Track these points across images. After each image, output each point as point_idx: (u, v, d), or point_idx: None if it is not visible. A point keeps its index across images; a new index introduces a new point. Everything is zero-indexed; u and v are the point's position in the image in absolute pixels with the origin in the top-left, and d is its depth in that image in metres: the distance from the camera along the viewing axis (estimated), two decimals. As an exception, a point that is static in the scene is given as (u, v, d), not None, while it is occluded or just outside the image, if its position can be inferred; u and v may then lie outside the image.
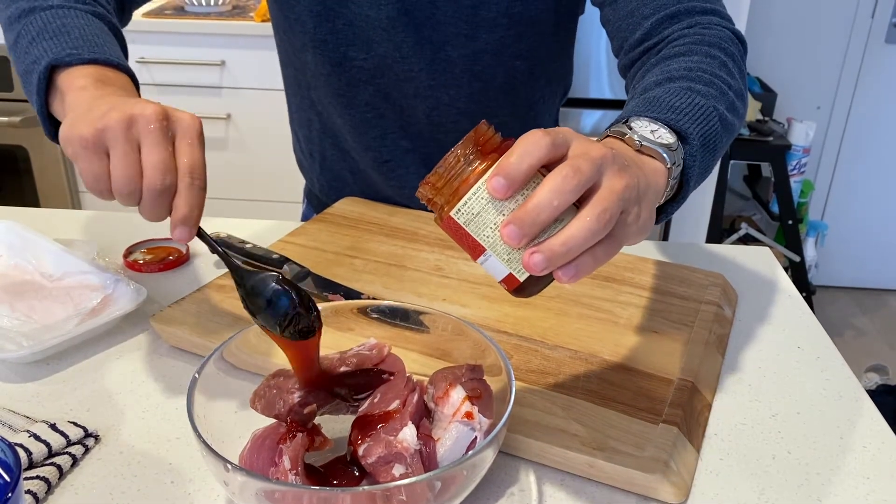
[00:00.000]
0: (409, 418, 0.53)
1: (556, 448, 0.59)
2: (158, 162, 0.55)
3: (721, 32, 0.75)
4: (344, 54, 0.94)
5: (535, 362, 0.69)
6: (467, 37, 0.91)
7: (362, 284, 0.81)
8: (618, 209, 0.47)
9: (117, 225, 1.00)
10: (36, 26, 0.70)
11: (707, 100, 0.64)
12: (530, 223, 0.46)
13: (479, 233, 0.49)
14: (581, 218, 0.46)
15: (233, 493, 0.50)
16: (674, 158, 0.57)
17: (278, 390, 0.56)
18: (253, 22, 2.25)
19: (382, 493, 0.47)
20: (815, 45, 2.84)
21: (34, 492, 0.55)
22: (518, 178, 0.46)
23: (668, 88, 0.65)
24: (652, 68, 0.72)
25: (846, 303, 3.07)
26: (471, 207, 0.49)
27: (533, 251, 0.46)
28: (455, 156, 0.49)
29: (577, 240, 0.46)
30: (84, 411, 0.65)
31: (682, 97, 0.63)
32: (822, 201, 3.05)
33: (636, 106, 0.62)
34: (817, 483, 0.59)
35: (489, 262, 0.50)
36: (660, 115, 0.60)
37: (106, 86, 0.64)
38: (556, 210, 0.46)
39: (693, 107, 0.62)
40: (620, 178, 0.48)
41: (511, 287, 0.50)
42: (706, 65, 0.69)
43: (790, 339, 0.78)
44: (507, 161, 0.47)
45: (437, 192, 0.50)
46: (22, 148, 2.39)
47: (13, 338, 0.72)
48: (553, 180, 0.46)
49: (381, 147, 1.01)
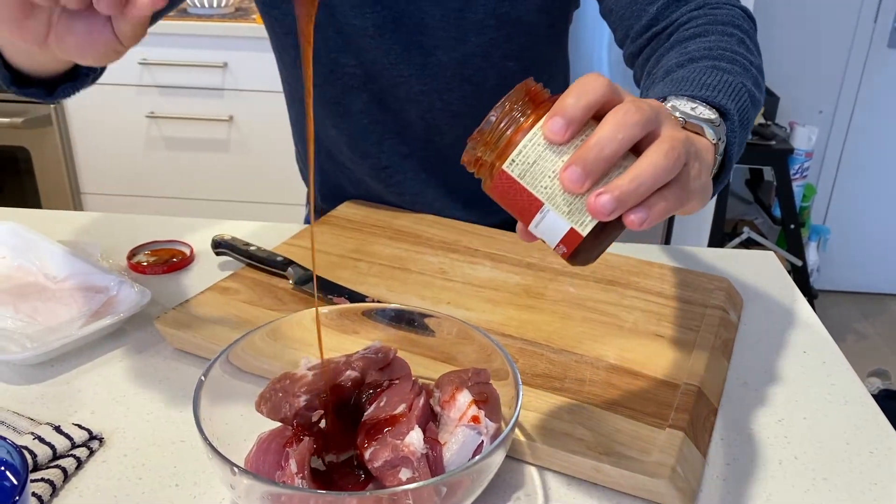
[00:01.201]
0: (415, 422, 0.53)
1: (562, 452, 0.58)
2: None
3: (732, 11, 0.74)
4: (335, 61, 0.94)
5: (540, 366, 0.69)
6: (456, 40, 0.90)
7: (367, 287, 0.81)
8: (684, 152, 0.45)
9: (120, 226, 1.00)
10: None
11: (735, 77, 0.62)
12: (594, 160, 0.43)
13: (535, 184, 0.45)
14: (649, 154, 0.43)
15: (238, 496, 0.50)
16: (718, 134, 0.55)
17: (284, 393, 0.56)
18: (256, 24, 2.25)
19: (389, 498, 0.47)
20: (817, 49, 2.84)
21: (39, 494, 0.55)
22: (577, 117, 0.44)
23: (692, 69, 0.63)
24: (668, 52, 0.71)
25: (848, 307, 3.07)
26: (526, 156, 0.45)
27: (600, 192, 0.43)
28: (505, 107, 0.46)
29: (647, 175, 0.43)
30: (88, 414, 0.65)
31: (710, 75, 0.61)
32: (824, 205, 3.04)
33: (665, 87, 0.60)
34: (824, 488, 0.59)
35: (547, 218, 0.46)
36: (696, 92, 0.58)
37: None
38: (621, 144, 0.43)
39: (724, 84, 0.60)
40: (680, 131, 0.46)
41: (572, 247, 0.46)
42: (725, 43, 0.67)
43: (796, 344, 0.78)
44: (563, 101, 0.44)
45: (487, 146, 0.46)
46: (24, 149, 2.39)
47: (17, 339, 0.72)
48: (615, 115, 0.44)
49: (379, 153, 1.01)
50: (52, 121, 2.35)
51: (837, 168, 2.99)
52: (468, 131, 1.04)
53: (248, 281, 0.82)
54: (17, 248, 0.85)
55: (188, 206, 2.49)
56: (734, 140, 0.58)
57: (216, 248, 0.88)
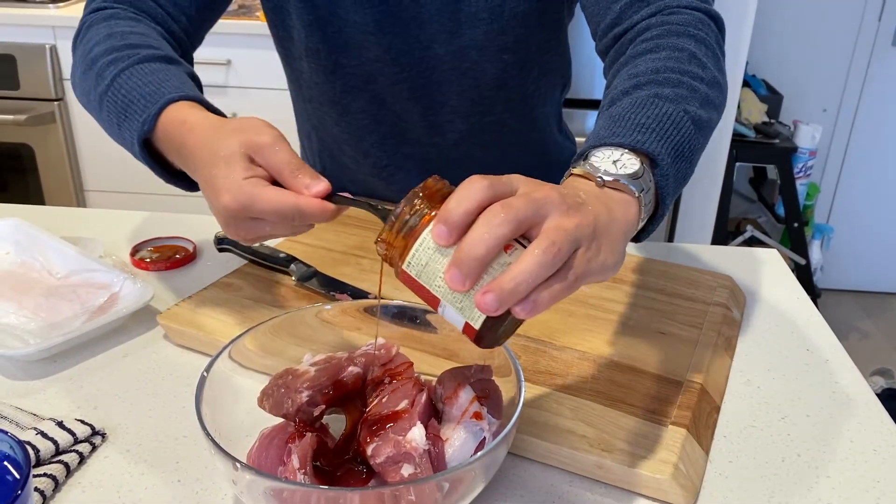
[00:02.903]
0: (417, 418, 0.53)
1: (564, 449, 0.58)
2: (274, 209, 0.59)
3: (688, 17, 0.72)
4: (336, 62, 0.94)
5: (542, 363, 0.69)
6: (451, 33, 0.90)
7: (369, 284, 0.81)
8: (568, 244, 0.46)
9: (124, 223, 1.00)
10: (113, 113, 0.72)
11: (676, 105, 0.62)
12: (467, 262, 0.45)
13: (430, 283, 0.48)
14: (528, 252, 0.45)
15: (241, 491, 0.50)
16: (642, 185, 0.55)
17: (286, 389, 0.56)
18: (259, 21, 2.25)
19: (391, 494, 0.47)
20: (821, 47, 2.83)
21: (42, 489, 0.55)
22: (458, 223, 0.46)
23: (634, 99, 0.63)
24: (621, 68, 0.70)
25: (851, 306, 3.06)
26: (419, 258, 0.48)
27: (484, 291, 0.45)
28: (402, 210, 0.49)
29: (526, 273, 0.45)
30: (91, 409, 0.65)
31: (647, 109, 0.61)
32: (827, 204, 3.04)
33: (601, 127, 0.61)
34: (827, 486, 0.59)
35: (446, 311, 0.49)
36: (624, 139, 0.58)
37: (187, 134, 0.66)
38: (490, 245, 0.45)
39: (660, 119, 0.60)
40: (569, 217, 0.47)
41: (471, 335, 0.49)
42: (673, 61, 0.67)
43: (799, 342, 0.78)
44: (446, 207, 0.47)
45: (390, 246, 0.50)
46: (27, 146, 2.39)
47: (20, 335, 0.72)
48: (485, 216, 0.46)
49: (380, 153, 1.01)
50: (55, 118, 2.35)
51: (841, 166, 2.98)
52: (469, 128, 1.03)
53: (250, 277, 0.82)
54: (20, 244, 0.85)
55: (191, 203, 2.50)
56: (666, 182, 0.58)
57: (219, 244, 0.88)
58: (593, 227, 0.49)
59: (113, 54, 0.75)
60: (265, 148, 0.60)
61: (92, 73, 0.75)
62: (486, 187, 0.47)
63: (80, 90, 0.79)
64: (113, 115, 0.72)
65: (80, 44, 0.80)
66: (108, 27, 0.79)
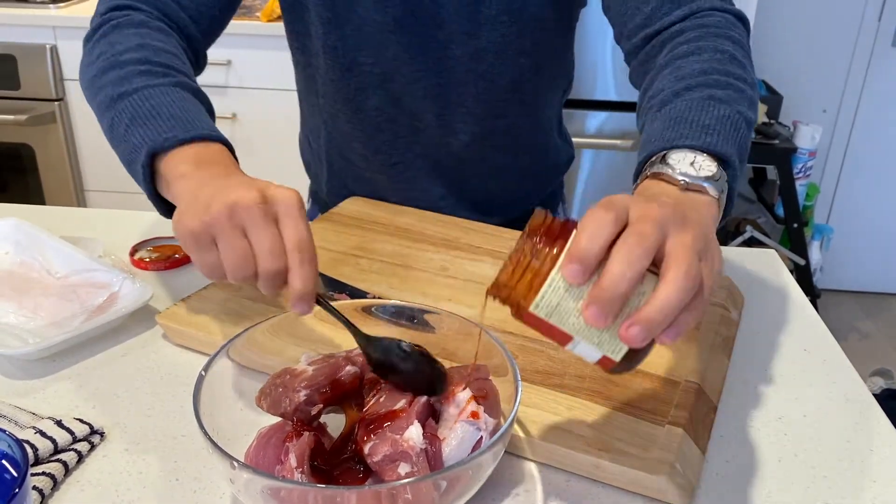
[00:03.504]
0: (414, 417, 0.53)
1: (561, 449, 0.59)
2: (267, 247, 0.56)
3: (722, 19, 0.74)
4: (353, 59, 0.94)
5: (540, 363, 0.69)
6: (469, 35, 0.91)
7: (368, 284, 0.81)
8: (697, 262, 0.47)
9: (123, 223, 1.00)
10: (127, 113, 0.72)
11: (731, 106, 0.63)
12: (610, 300, 0.45)
13: (563, 322, 0.48)
14: (670, 281, 0.46)
15: (238, 490, 0.50)
16: (720, 187, 0.57)
17: (284, 389, 0.56)
18: (259, 21, 2.26)
19: (388, 492, 0.47)
20: (821, 48, 2.83)
21: (40, 488, 0.55)
22: (592, 261, 0.46)
23: (689, 101, 0.64)
24: (662, 69, 0.72)
25: (851, 307, 3.06)
26: (549, 300, 0.48)
27: (630, 324, 0.45)
28: (521, 250, 0.48)
29: (672, 303, 0.45)
30: (90, 408, 0.65)
31: (707, 111, 0.62)
32: (827, 205, 3.04)
33: (664, 129, 0.62)
34: (824, 486, 0.59)
35: (579, 347, 0.49)
36: (695, 141, 0.59)
37: (205, 166, 0.66)
38: (632, 280, 0.45)
39: (722, 120, 0.62)
40: (686, 232, 0.48)
41: (608, 367, 0.49)
42: (717, 63, 0.69)
43: (796, 342, 0.78)
44: (577, 246, 0.46)
45: (511, 289, 0.49)
46: (27, 146, 2.40)
47: (19, 335, 0.73)
48: (620, 252, 0.46)
49: (391, 150, 1.01)
50: (55, 118, 2.35)
51: (841, 167, 2.98)
52: (481, 130, 1.04)
53: (249, 277, 0.82)
54: (20, 244, 0.86)
55: (191, 203, 2.50)
56: (736, 182, 0.60)
57: (218, 244, 0.88)
58: (704, 237, 0.50)
59: (146, 65, 0.75)
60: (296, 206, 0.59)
61: (116, 72, 0.75)
62: (614, 221, 0.47)
63: (91, 78, 0.78)
64: (126, 116, 0.71)
65: (104, 41, 0.79)
66: (140, 36, 0.79)
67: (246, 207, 0.56)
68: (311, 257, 0.57)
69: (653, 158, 0.60)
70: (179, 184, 0.65)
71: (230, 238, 0.56)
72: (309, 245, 0.57)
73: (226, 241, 0.57)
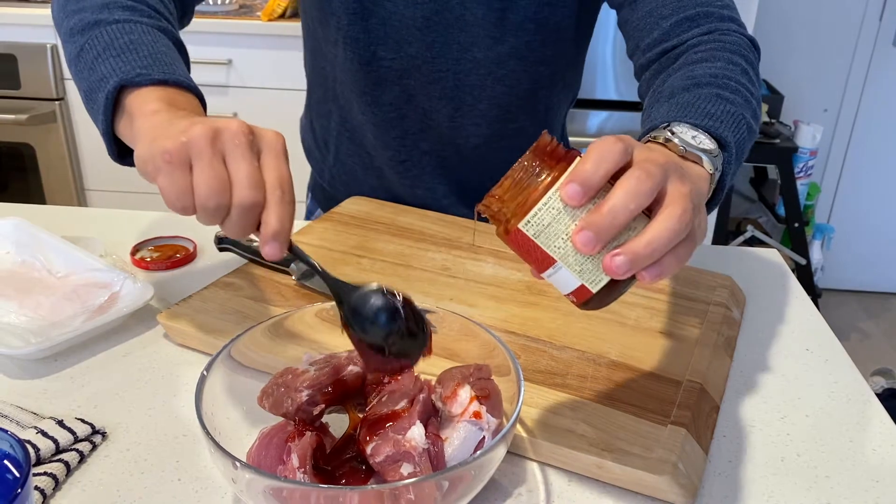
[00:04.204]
0: (417, 417, 0.53)
1: (563, 449, 0.59)
2: (247, 175, 0.53)
3: (739, 39, 0.76)
4: (374, 53, 0.94)
5: (542, 363, 0.69)
6: (494, 39, 0.91)
7: (369, 283, 0.81)
8: (692, 209, 0.48)
9: (124, 222, 1.00)
10: (102, 41, 0.68)
11: (736, 108, 0.64)
12: (607, 227, 0.45)
13: (549, 244, 0.48)
14: (663, 219, 0.46)
15: (240, 490, 0.50)
16: (715, 164, 0.58)
17: (286, 388, 0.56)
18: (260, 21, 2.25)
19: (390, 492, 0.47)
20: (822, 47, 2.83)
21: (42, 488, 0.55)
22: (594, 184, 0.46)
23: (697, 94, 0.65)
24: (675, 73, 0.72)
25: (852, 306, 3.06)
26: (541, 218, 0.47)
27: (615, 253, 0.46)
28: (522, 166, 0.48)
29: (662, 240, 0.46)
30: (91, 408, 0.65)
31: (714, 104, 0.63)
32: (828, 204, 3.04)
33: (669, 110, 0.63)
34: (826, 486, 0.59)
35: (558, 274, 0.49)
36: (698, 120, 0.60)
37: (177, 109, 0.62)
38: (632, 213, 0.46)
39: (726, 114, 0.63)
40: (684, 184, 0.49)
41: (582, 298, 0.49)
42: (730, 71, 0.70)
43: (798, 342, 0.78)
44: (582, 167, 0.46)
45: (503, 203, 0.49)
46: (28, 145, 2.40)
47: (21, 334, 0.73)
48: (627, 183, 0.46)
49: (401, 147, 1.01)
50: (56, 118, 2.35)
51: (842, 166, 2.98)
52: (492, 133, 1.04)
53: (250, 277, 0.82)
54: (21, 243, 0.86)
55: (192, 202, 2.50)
56: (729, 170, 0.61)
57: (219, 244, 0.88)
58: (698, 194, 0.50)
59: (131, 1, 0.72)
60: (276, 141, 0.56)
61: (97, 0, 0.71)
62: (622, 151, 0.47)
63: (68, 2, 0.74)
64: (100, 44, 0.67)
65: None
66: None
67: (231, 134, 0.53)
68: (291, 198, 0.55)
69: (655, 132, 0.60)
70: (147, 119, 0.60)
71: (209, 160, 0.52)
72: (290, 185, 0.55)
73: (204, 163, 0.52)
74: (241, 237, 0.55)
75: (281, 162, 0.55)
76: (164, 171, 0.53)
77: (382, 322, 0.55)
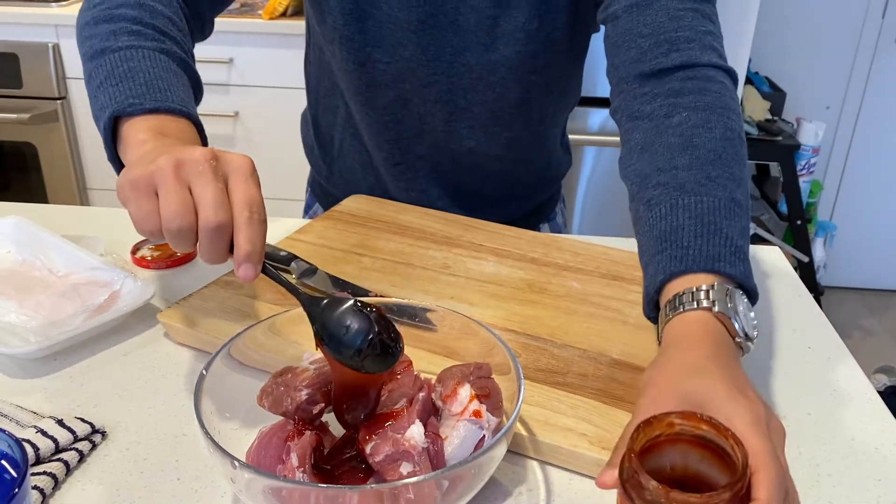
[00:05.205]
0: (416, 416, 0.53)
1: (564, 447, 0.58)
2: (210, 198, 0.54)
3: (722, 86, 0.72)
4: (368, 55, 0.94)
5: (543, 361, 0.69)
6: (485, 46, 0.91)
7: (370, 282, 0.81)
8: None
9: (125, 221, 0.99)
10: (104, 70, 0.71)
11: (742, 213, 0.67)
12: None
13: None
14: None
15: (240, 490, 0.50)
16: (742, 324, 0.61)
17: (286, 388, 0.56)
18: (261, 20, 2.25)
19: (390, 492, 0.47)
20: (824, 44, 2.82)
21: (41, 487, 0.55)
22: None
23: (717, 209, 0.65)
24: (669, 131, 0.70)
25: (854, 304, 3.06)
26: None
27: None
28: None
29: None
30: (91, 407, 0.65)
31: (736, 230, 0.65)
32: (830, 201, 3.03)
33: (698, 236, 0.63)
34: (828, 485, 0.59)
35: None
36: (744, 280, 0.63)
37: (165, 137, 0.65)
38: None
39: (745, 238, 0.65)
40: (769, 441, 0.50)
41: None
42: (718, 136, 0.69)
43: (801, 339, 0.78)
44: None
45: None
46: (30, 144, 2.40)
47: (21, 333, 0.73)
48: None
49: (395, 150, 1.01)
50: (58, 117, 2.35)
51: (844, 164, 2.97)
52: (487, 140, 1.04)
53: (251, 275, 0.82)
54: (22, 242, 0.85)
55: (194, 201, 2.50)
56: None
57: (220, 242, 0.88)
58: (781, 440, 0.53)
59: (138, 26, 0.74)
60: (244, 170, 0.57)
61: (108, 25, 0.74)
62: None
63: (84, 25, 0.77)
64: (103, 73, 0.71)
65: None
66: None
67: (194, 162, 0.54)
68: (262, 218, 0.55)
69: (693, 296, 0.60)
70: (135, 150, 0.64)
71: (172, 186, 0.54)
72: (259, 205, 0.55)
73: (167, 189, 0.54)
74: (217, 262, 0.56)
75: (249, 184, 0.56)
76: (132, 198, 0.56)
77: (356, 343, 0.54)
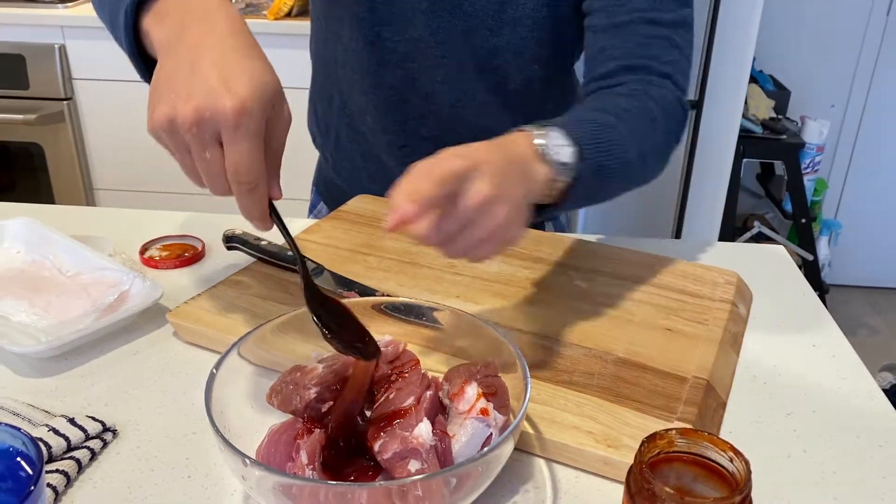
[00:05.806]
0: (424, 414, 0.53)
1: (570, 445, 0.59)
2: (206, 172, 0.59)
3: (667, 94, 0.81)
4: (378, 34, 0.95)
5: (549, 360, 0.69)
6: (491, 31, 0.92)
7: (377, 282, 0.82)
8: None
9: (133, 222, 1.00)
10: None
11: (622, 138, 0.72)
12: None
13: None
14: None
15: (250, 487, 0.50)
16: (564, 175, 0.66)
17: (295, 386, 0.56)
18: (266, 20, 2.26)
19: (398, 489, 0.47)
20: (829, 42, 2.82)
21: (54, 485, 0.55)
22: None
23: (596, 117, 0.73)
24: (598, 99, 0.81)
25: (859, 302, 3.05)
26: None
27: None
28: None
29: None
30: (102, 406, 0.66)
31: (604, 131, 0.71)
32: (835, 200, 3.02)
33: (566, 118, 0.71)
34: (833, 482, 0.59)
35: None
36: (577, 133, 0.67)
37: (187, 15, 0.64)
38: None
39: (608, 141, 0.70)
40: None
41: None
42: (638, 111, 0.77)
43: (805, 338, 0.78)
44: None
45: None
46: (37, 145, 2.41)
47: (31, 333, 0.73)
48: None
49: (400, 132, 1.02)
50: (65, 117, 2.36)
51: (849, 162, 2.97)
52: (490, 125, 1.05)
53: (259, 275, 0.82)
54: (31, 243, 0.86)
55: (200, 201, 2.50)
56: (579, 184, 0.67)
57: (227, 242, 0.89)
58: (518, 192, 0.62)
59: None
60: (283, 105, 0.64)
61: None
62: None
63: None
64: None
65: None
66: None
67: (185, 128, 0.56)
68: (251, 187, 0.59)
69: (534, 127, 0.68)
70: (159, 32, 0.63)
71: (198, 153, 0.58)
72: (246, 170, 0.58)
73: (196, 152, 0.58)
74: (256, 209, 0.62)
75: (232, 146, 0.57)
76: (168, 144, 0.60)
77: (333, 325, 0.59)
